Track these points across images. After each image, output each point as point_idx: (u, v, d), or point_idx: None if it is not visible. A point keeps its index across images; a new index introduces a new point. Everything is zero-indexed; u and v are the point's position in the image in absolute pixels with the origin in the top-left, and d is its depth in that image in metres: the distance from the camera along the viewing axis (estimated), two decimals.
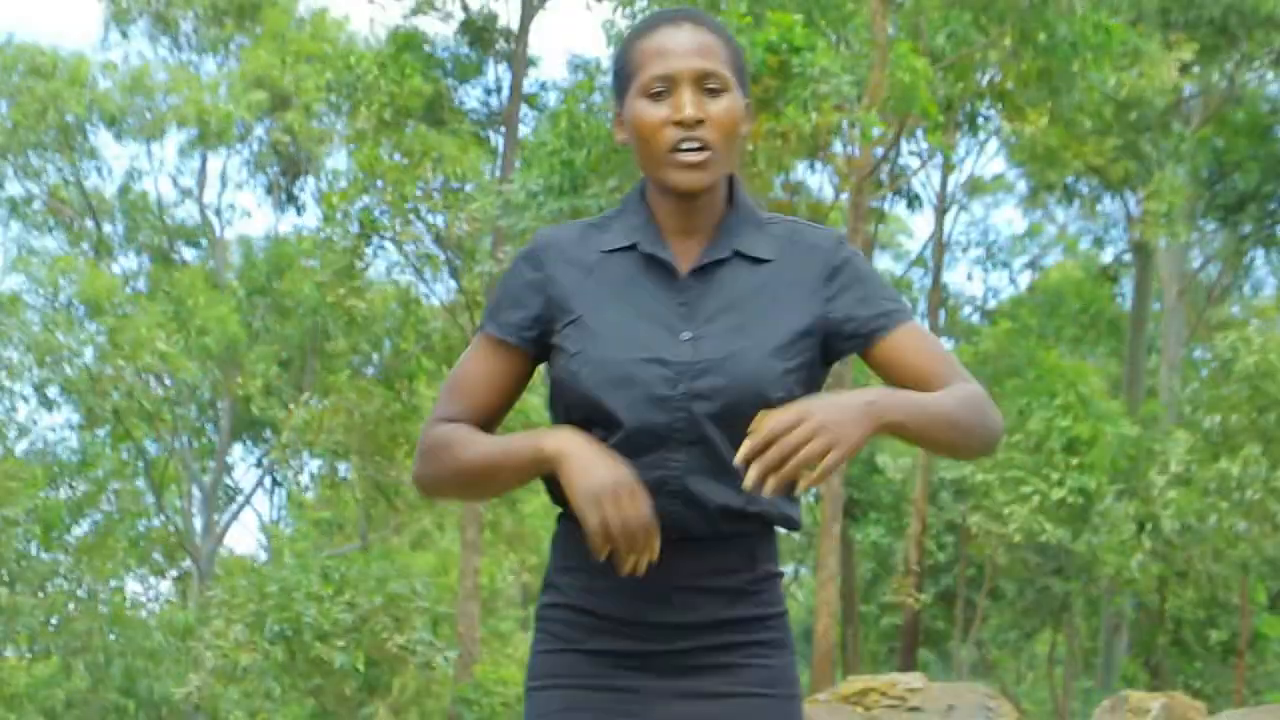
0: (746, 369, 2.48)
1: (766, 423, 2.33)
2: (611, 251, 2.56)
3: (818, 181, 26.28)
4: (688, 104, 2.49)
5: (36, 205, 29.19)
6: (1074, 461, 22.27)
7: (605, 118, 17.59)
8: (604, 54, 24.06)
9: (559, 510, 2.58)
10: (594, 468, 2.38)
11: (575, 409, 2.52)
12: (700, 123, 2.49)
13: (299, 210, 29.69)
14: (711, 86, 2.51)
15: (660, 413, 2.47)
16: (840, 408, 2.34)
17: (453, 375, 2.61)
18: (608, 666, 2.52)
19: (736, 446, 2.40)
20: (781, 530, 2.60)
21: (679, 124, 2.49)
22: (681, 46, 2.51)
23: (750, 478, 2.32)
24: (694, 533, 2.48)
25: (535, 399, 19.23)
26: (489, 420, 2.58)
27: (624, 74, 2.56)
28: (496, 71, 26.61)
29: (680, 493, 2.47)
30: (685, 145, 2.49)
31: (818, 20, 18.21)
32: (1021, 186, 32.41)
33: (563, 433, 2.45)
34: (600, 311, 2.52)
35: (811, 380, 2.56)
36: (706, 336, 2.49)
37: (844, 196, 21.13)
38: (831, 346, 2.57)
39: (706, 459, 2.47)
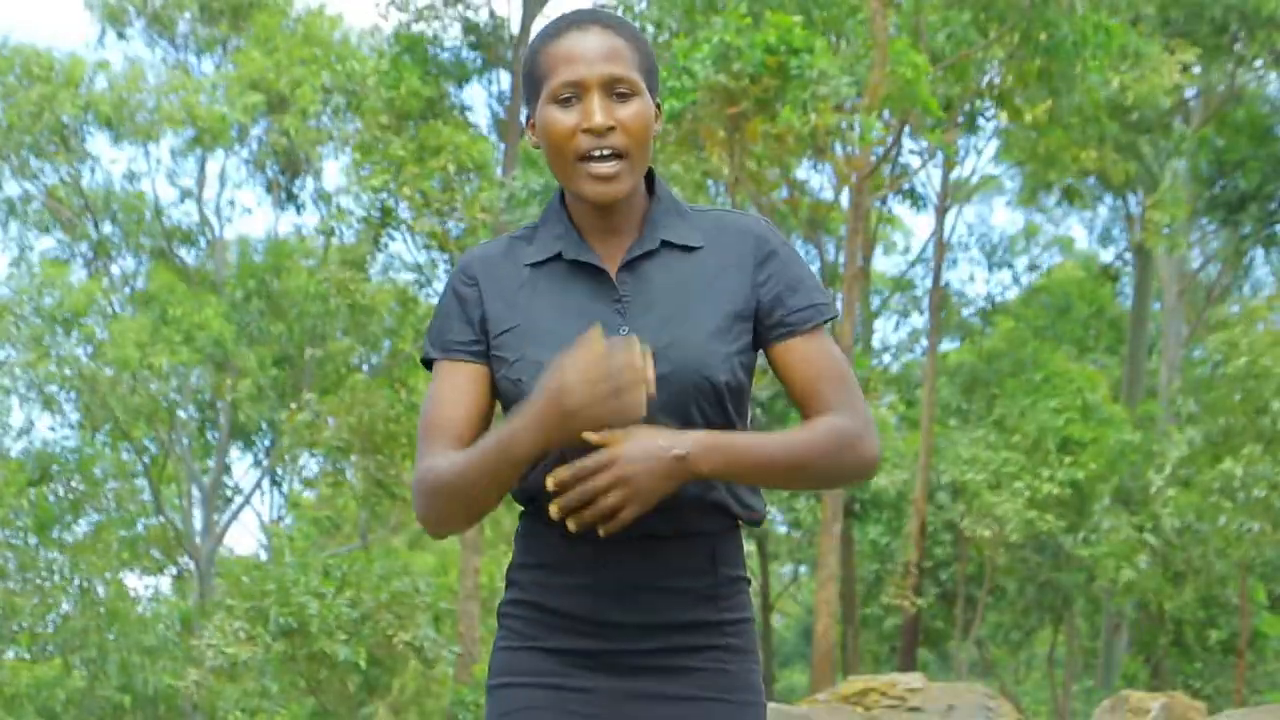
0: (689, 355, 2.48)
1: (571, 467, 2.36)
2: (538, 264, 2.56)
3: (818, 181, 26.30)
4: (597, 111, 2.49)
5: (35, 205, 29.17)
6: (1068, 460, 22.35)
7: None
8: None
9: (520, 508, 2.59)
10: (553, 400, 2.34)
11: None
12: (611, 129, 2.49)
13: (299, 209, 29.69)
14: (621, 91, 2.51)
15: None
16: (649, 458, 2.36)
17: (424, 415, 2.57)
18: (566, 665, 2.51)
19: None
20: (752, 530, 2.60)
21: (588, 131, 2.49)
22: (590, 52, 2.50)
23: (552, 510, 2.37)
24: (655, 530, 2.47)
25: None
26: (467, 441, 2.53)
27: (534, 79, 2.55)
28: (499, 80, 26.64)
29: None
30: (596, 153, 2.49)
31: (816, 19, 18.19)
32: (1018, 186, 32.38)
33: (514, 418, 2.40)
34: (536, 318, 2.52)
35: (749, 364, 2.56)
36: (645, 328, 2.48)
37: (845, 195, 21.13)
38: (758, 333, 2.56)
39: None
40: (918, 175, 25.29)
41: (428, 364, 2.61)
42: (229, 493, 30.31)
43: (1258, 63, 27.18)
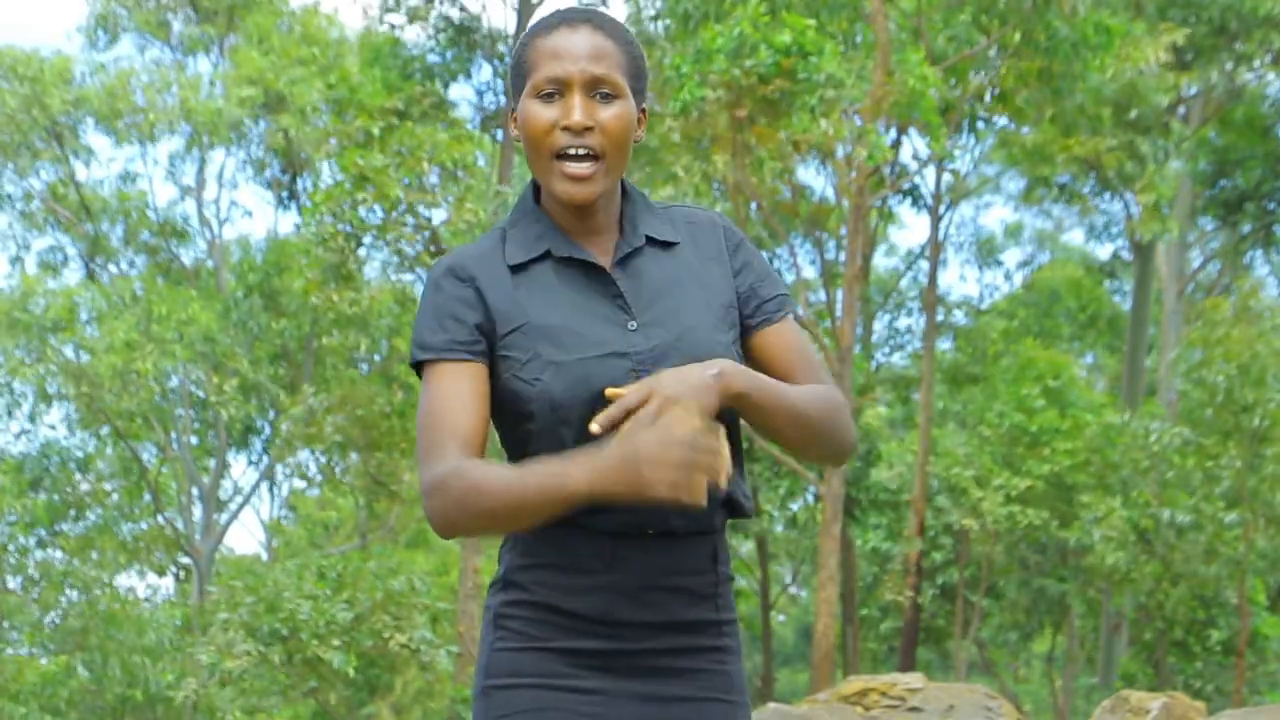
0: (698, 347, 2.50)
1: (619, 397, 2.35)
2: (524, 264, 2.54)
3: (819, 182, 26.30)
4: (576, 109, 2.49)
5: (35, 205, 29.15)
6: (1045, 452, 22.39)
7: None
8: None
9: None
10: (630, 463, 2.31)
11: (533, 417, 2.49)
12: (589, 129, 2.49)
13: (299, 208, 29.66)
14: (604, 92, 2.51)
15: None
16: (685, 381, 2.36)
17: (430, 415, 2.50)
18: (572, 666, 2.51)
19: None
20: (752, 530, 2.64)
21: (567, 128, 2.49)
22: (576, 49, 2.51)
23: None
24: (674, 527, 2.49)
25: None
26: (480, 444, 2.50)
27: (520, 72, 2.56)
28: (493, 68, 26.56)
29: None
30: (572, 151, 2.49)
31: (825, 21, 18.18)
32: (1014, 187, 32.40)
33: (575, 463, 2.36)
34: (542, 316, 2.50)
35: (740, 354, 2.59)
36: (652, 323, 2.51)
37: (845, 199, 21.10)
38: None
39: None
40: (916, 176, 25.28)
41: (417, 367, 2.54)
42: (228, 493, 30.31)
43: (1257, 63, 27.17)
